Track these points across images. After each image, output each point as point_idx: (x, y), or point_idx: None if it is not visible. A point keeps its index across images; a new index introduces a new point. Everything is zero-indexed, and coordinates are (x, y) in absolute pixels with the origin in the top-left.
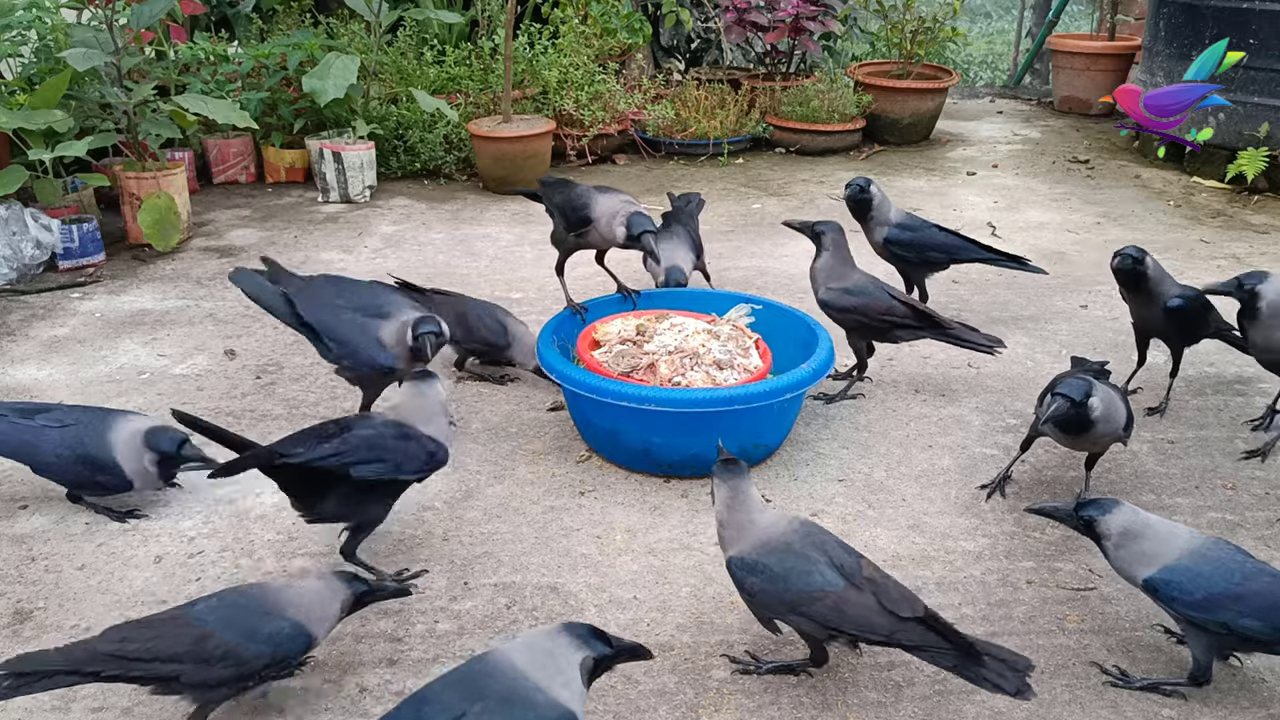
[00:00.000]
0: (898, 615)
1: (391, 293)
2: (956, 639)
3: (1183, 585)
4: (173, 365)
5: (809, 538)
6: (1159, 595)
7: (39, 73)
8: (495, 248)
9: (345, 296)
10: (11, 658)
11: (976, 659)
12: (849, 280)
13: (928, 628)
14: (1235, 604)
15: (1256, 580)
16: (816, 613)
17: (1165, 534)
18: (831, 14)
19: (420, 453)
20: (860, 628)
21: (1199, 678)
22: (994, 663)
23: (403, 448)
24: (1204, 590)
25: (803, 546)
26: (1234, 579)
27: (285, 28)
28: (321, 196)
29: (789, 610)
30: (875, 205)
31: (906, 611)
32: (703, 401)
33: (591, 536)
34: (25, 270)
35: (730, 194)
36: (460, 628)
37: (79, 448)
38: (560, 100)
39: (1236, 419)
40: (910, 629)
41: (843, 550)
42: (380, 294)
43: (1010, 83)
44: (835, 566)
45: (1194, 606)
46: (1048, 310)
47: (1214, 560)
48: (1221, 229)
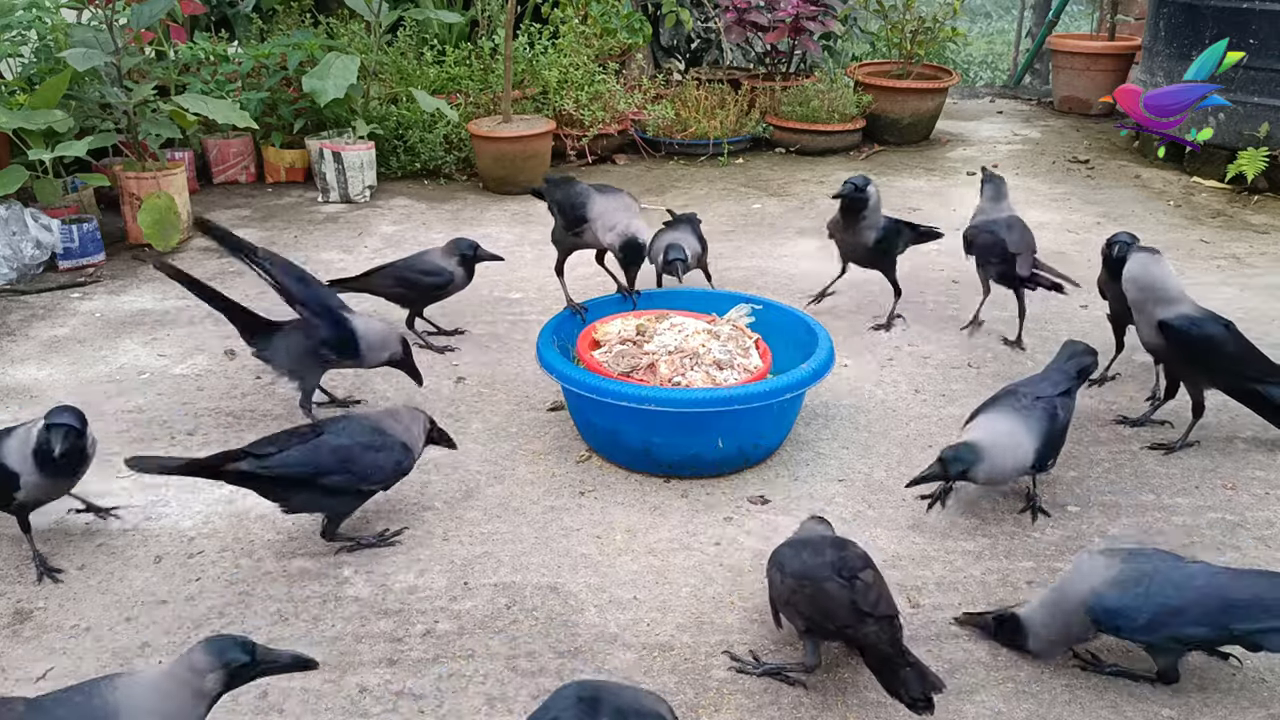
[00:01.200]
0: (858, 610)
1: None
2: (899, 649)
3: (1124, 613)
4: (173, 365)
5: (831, 538)
6: (1103, 627)
7: (39, 73)
8: (495, 248)
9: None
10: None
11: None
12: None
13: (883, 628)
14: (1177, 618)
15: (1190, 587)
16: (798, 601)
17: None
18: (831, 14)
19: (388, 463)
20: (829, 618)
21: (1167, 678)
22: (913, 671)
23: (370, 459)
24: (1146, 614)
25: (818, 543)
26: (1169, 594)
27: (285, 28)
28: (321, 196)
29: (785, 603)
30: (870, 206)
31: (867, 607)
32: (703, 401)
33: (591, 536)
34: (25, 270)
35: (730, 194)
36: (460, 628)
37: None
38: (560, 100)
39: (1236, 419)
40: (869, 626)
41: (855, 553)
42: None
43: (1010, 83)
44: (836, 567)
45: (1140, 630)
46: (1048, 310)
47: (1142, 579)
48: (1221, 229)
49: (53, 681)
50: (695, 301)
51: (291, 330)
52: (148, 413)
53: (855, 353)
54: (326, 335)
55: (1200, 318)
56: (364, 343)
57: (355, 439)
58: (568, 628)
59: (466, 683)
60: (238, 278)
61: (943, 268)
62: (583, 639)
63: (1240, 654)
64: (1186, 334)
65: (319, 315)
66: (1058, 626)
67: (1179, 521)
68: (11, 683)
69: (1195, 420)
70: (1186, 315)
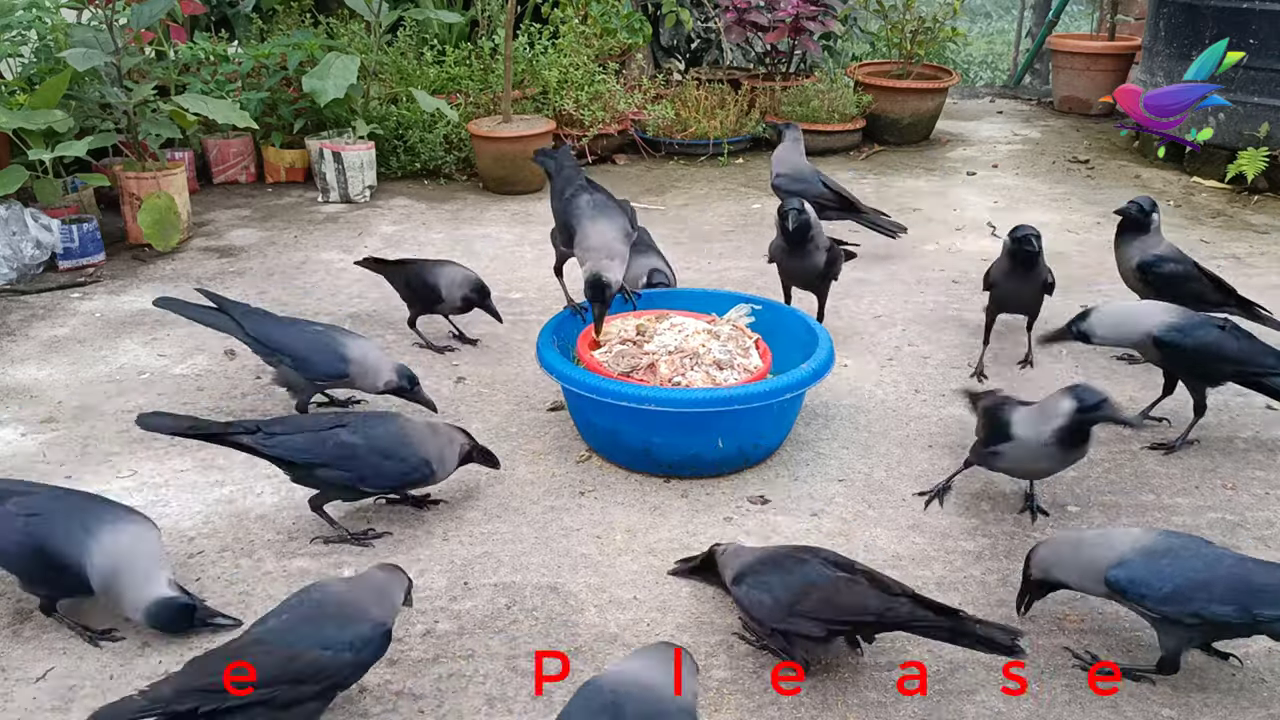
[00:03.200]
0: (889, 591)
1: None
2: (944, 609)
3: (1148, 582)
4: (173, 365)
5: (803, 549)
6: (1126, 595)
7: (39, 73)
8: (495, 248)
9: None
10: (97, 710)
11: (968, 624)
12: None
13: (916, 602)
14: (1202, 593)
15: (1220, 566)
16: (811, 608)
17: (1112, 537)
18: (831, 14)
19: (393, 471)
20: (855, 611)
21: (1167, 667)
22: (985, 628)
23: (374, 463)
24: (1171, 583)
25: (797, 552)
26: (1197, 567)
27: (285, 28)
28: (321, 196)
29: (787, 615)
30: (817, 229)
31: (896, 589)
32: (703, 401)
33: (591, 536)
34: (25, 270)
35: (730, 194)
36: (460, 628)
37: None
38: (560, 100)
39: (1237, 419)
40: (900, 604)
41: (836, 554)
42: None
43: (1010, 83)
44: (829, 563)
45: (1164, 601)
46: (1047, 310)
47: (1170, 552)
48: (1221, 229)
49: (52, 681)
50: (695, 301)
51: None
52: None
53: (855, 353)
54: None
55: (1191, 325)
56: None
57: (368, 440)
58: (568, 628)
59: (466, 683)
60: (237, 278)
61: (943, 268)
62: (583, 639)
63: (1241, 654)
64: (1179, 347)
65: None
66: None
67: (1179, 521)
68: (12, 682)
69: (1196, 419)
70: (1176, 326)
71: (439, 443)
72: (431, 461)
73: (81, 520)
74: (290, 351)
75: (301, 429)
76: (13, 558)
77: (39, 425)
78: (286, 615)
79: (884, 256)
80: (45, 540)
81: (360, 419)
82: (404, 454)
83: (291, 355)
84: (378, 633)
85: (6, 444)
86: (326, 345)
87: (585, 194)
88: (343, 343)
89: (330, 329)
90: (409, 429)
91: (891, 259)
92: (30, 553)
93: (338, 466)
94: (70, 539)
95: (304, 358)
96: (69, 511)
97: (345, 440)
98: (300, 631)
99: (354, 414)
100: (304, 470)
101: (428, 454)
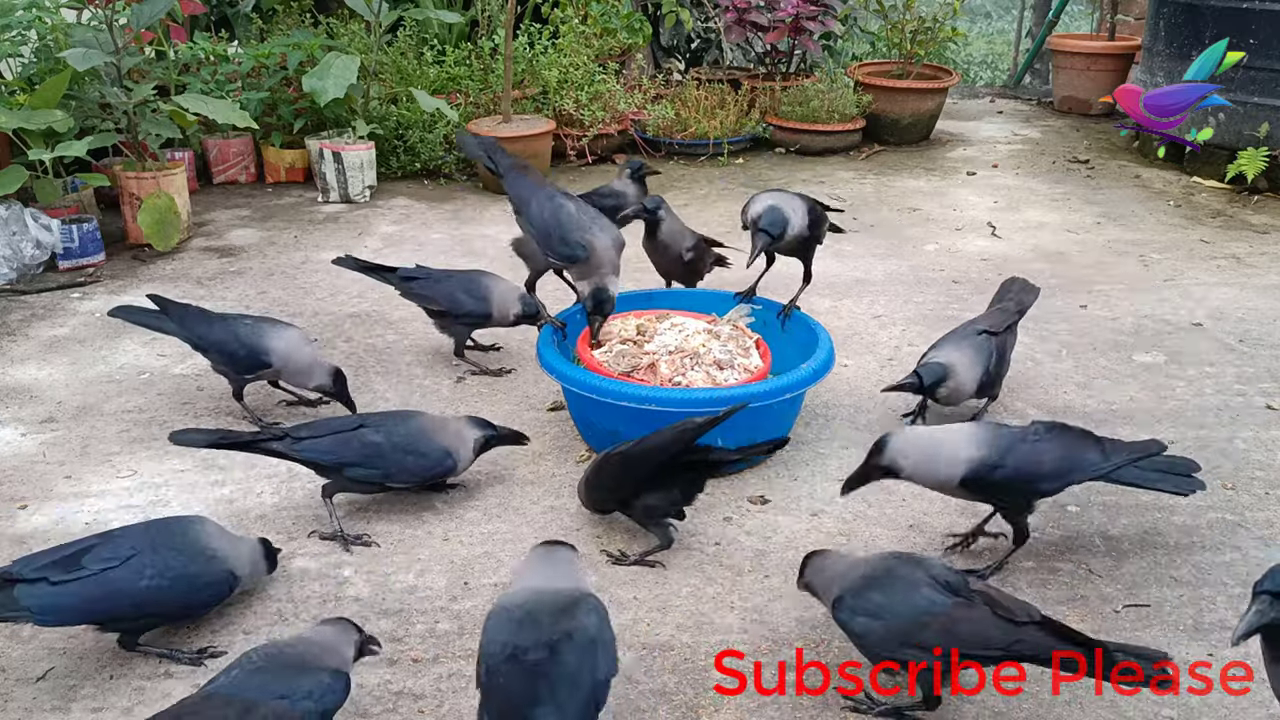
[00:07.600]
0: (1014, 621)
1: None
2: (1082, 640)
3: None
4: (173, 365)
5: (907, 562)
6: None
7: (39, 73)
8: (495, 248)
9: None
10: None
11: (1107, 659)
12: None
13: (1048, 632)
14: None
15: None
16: (928, 640)
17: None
18: (831, 14)
19: (417, 467)
20: (977, 645)
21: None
22: (1125, 654)
23: (398, 459)
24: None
25: (903, 570)
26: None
27: (285, 28)
28: (321, 196)
29: (900, 645)
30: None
31: (1023, 616)
32: (703, 401)
33: (591, 536)
34: (25, 270)
35: (730, 194)
36: (460, 628)
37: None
38: (560, 100)
39: (1238, 419)
40: (1029, 634)
41: (943, 567)
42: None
43: (1010, 83)
44: (939, 584)
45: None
46: (1047, 310)
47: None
48: (1221, 229)
49: (52, 681)
50: (695, 301)
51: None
52: (148, 413)
53: (855, 353)
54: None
55: (995, 461)
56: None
57: (391, 438)
58: None
59: (466, 683)
60: (237, 278)
61: (943, 268)
62: None
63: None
64: (988, 480)
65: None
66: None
67: (1179, 521)
68: (12, 682)
69: (1016, 548)
70: (982, 460)
71: (457, 436)
72: (451, 451)
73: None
74: (215, 346)
75: (327, 431)
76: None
77: (39, 425)
78: (237, 671)
79: (884, 256)
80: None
81: (381, 417)
82: (425, 449)
83: (217, 350)
84: (338, 681)
85: (6, 444)
86: (249, 340)
87: (565, 200)
88: (268, 337)
89: (260, 322)
90: (429, 425)
91: (891, 259)
92: None
93: (365, 465)
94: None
95: (230, 353)
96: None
97: (370, 440)
98: (255, 682)
99: (374, 413)
100: (334, 471)
101: (448, 447)
